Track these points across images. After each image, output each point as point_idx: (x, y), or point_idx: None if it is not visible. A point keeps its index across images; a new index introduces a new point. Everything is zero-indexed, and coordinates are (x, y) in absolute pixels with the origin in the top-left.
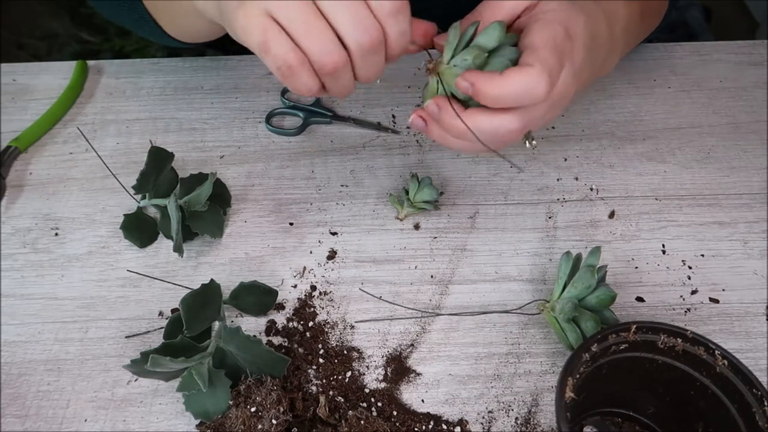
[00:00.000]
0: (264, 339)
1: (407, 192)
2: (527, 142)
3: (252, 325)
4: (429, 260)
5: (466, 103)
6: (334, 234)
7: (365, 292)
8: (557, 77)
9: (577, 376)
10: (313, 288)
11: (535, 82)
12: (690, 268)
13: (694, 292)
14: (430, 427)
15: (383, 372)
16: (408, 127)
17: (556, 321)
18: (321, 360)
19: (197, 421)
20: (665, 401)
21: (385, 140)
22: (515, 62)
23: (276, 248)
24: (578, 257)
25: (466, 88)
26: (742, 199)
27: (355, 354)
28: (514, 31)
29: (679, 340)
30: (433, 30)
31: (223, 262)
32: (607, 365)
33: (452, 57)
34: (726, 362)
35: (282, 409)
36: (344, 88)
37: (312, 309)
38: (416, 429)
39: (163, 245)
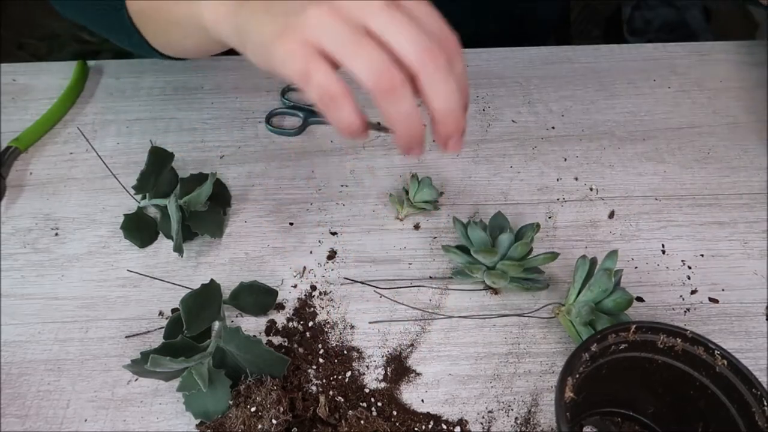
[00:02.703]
0: (264, 339)
1: (407, 192)
2: None
3: (252, 325)
4: (429, 260)
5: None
6: (334, 234)
7: (366, 287)
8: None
9: (577, 376)
10: (313, 288)
11: None
12: (690, 268)
13: (693, 292)
14: (430, 426)
15: (383, 372)
16: None
17: (572, 325)
18: (321, 360)
19: (197, 421)
20: (665, 401)
21: (385, 140)
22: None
23: (276, 248)
24: (593, 261)
25: None
26: (742, 199)
27: (355, 354)
28: None
29: (679, 340)
30: None
31: (223, 262)
32: (607, 365)
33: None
34: (726, 362)
35: (282, 409)
36: (406, 117)
37: (312, 309)
38: (416, 429)
39: (163, 245)
